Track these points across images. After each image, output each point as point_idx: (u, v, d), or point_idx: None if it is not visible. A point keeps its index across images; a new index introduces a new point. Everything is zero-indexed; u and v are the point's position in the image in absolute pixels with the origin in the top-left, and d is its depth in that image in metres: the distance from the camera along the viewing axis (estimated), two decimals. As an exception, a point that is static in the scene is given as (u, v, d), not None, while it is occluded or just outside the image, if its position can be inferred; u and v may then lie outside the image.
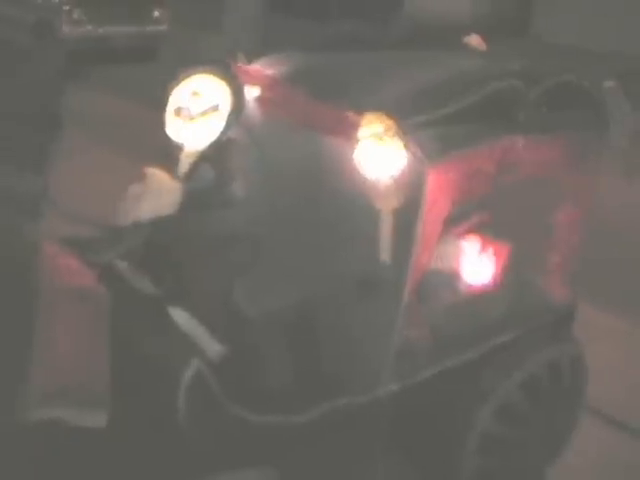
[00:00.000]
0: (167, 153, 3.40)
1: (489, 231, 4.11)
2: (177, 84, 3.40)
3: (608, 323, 5.52)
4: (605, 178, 4.02)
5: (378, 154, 3.14)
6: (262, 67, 3.72)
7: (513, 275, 4.10)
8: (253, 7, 6.85)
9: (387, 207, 3.21)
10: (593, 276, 4.38)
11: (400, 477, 4.10)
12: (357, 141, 3.14)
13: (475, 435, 3.87)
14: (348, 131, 3.18)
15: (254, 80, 3.58)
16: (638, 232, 6.56)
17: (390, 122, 3.11)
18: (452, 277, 3.94)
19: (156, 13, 11.07)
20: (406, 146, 3.16)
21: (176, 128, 3.39)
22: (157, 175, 3.26)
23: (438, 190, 3.30)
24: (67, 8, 10.49)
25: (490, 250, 4.07)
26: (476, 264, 4.04)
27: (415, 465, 4.04)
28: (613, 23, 11.86)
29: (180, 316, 3.24)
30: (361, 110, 3.20)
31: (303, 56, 3.74)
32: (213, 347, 3.21)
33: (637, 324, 5.72)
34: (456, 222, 3.89)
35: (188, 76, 3.39)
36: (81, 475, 3.21)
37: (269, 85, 3.54)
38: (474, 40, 4.38)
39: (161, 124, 3.40)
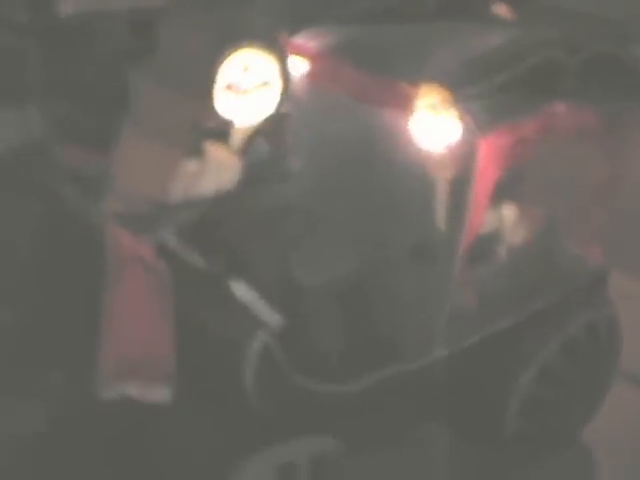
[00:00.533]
0: (219, 129, 3.45)
1: (525, 197, 4.21)
2: (225, 59, 3.44)
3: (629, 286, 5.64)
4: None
5: (433, 125, 3.23)
6: (305, 40, 3.78)
7: (549, 240, 4.21)
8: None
9: (441, 176, 3.31)
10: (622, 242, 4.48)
11: (445, 441, 4.25)
12: (413, 112, 3.22)
13: (517, 397, 4.01)
14: (403, 103, 3.26)
15: (301, 54, 3.64)
16: None
17: (445, 94, 3.20)
18: (493, 243, 4.04)
19: (152, -13, 11.03)
20: (460, 117, 3.24)
21: (227, 103, 3.44)
22: (216, 151, 3.32)
23: (488, 159, 3.40)
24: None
25: (527, 216, 4.18)
26: (514, 230, 4.15)
27: (459, 429, 4.17)
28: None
29: (239, 289, 3.32)
30: (414, 82, 3.28)
31: (345, 29, 3.80)
32: (272, 318, 3.30)
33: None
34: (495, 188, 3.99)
35: (236, 51, 3.44)
36: (151, 450, 3.31)
37: (317, 59, 3.61)
38: (502, 9, 4.45)
39: (210, 101, 3.45)
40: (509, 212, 4.14)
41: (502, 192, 4.08)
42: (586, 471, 4.48)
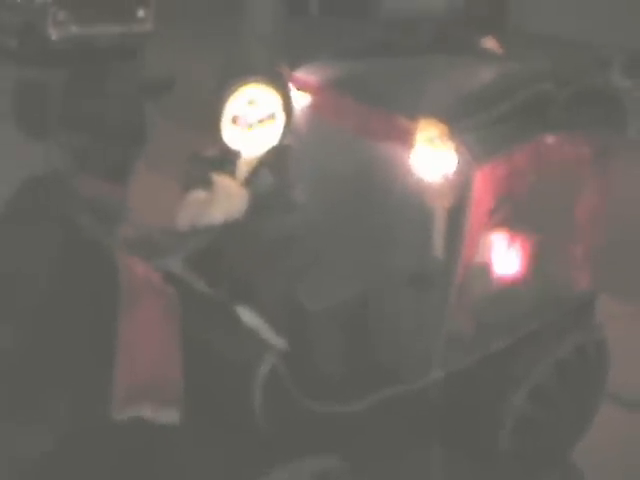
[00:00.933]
0: (225, 160, 3.61)
1: (516, 225, 4.40)
2: (231, 94, 3.61)
3: (616, 309, 5.84)
4: (625, 171, 4.32)
5: (431, 157, 3.41)
6: (305, 75, 3.97)
7: (540, 266, 4.39)
8: (271, 11, 7.10)
9: (439, 205, 3.48)
10: (609, 264, 4.68)
11: (440, 459, 4.39)
12: (411, 145, 3.40)
13: (511, 417, 4.17)
14: (402, 136, 3.44)
15: (302, 88, 3.82)
16: None
17: (443, 127, 3.38)
18: (486, 269, 4.22)
19: (140, 13, 11.25)
20: (456, 149, 3.42)
21: (233, 136, 3.61)
22: (225, 182, 3.48)
23: (484, 189, 3.59)
24: (53, 10, 10.61)
25: (518, 243, 4.36)
26: (506, 256, 4.33)
27: (454, 447, 4.32)
28: (588, 12, 12.26)
29: (245, 314, 3.47)
30: (412, 116, 3.46)
31: (344, 63, 3.99)
32: (278, 342, 3.45)
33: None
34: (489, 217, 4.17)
35: (242, 86, 3.61)
36: (159, 470, 3.44)
37: (318, 93, 3.79)
38: (491, 43, 4.67)
39: (215, 133, 3.62)
40: (500, 240, 4.33)
41: (492, 220, 4.29)
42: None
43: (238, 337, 3.44)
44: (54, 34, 10.61)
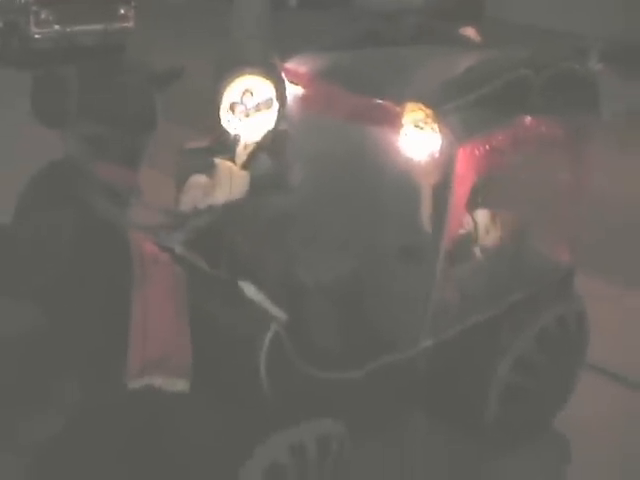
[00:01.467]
0: (227, 146, 3.94)
1: (499, 201, 4.75)
2: (229, 83, 3.94)
3: (599, 288, 6.20)
4: (600, 151, 4.68)
5: (417, 138, 3.75)
6: (296, 66, 4.30)
7: (522, 240, 4.75)
8: (259, 6, 7.42)
9: (425, 182, 3.82)
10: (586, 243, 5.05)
11: (428, 428, 4.73)
12: (399, 128, 3.74)
13: (496, 385, 4.51)
14: (389, 120, 3.78)
15: (294, 78, 4.15)
16: (628, 200, 7.32)
17: (427, 110, 3.72)
18: (470, 243, 4.57)
19: (122, 10, 11.52)
20: (440, 130, 3.76)
21: (232, 123, 3.93)
22: (226, 165, 3.80)
23: (466, 166, 3.92)
24: (34, 9, 10.87)
25: (501, 218, 4.72)
26: (489, 232, 4.68)
27: (442, 416, 4.66)
28: (564, 2, 12.65)
29: (247, 289, 3.79)
30: (399, 101, 3.80)
31: (333, 54, 4.33)
32: (279, 314, 3.77)
33: (627, 289, 6.44)
34: (472, 195, 4.51)
35: (239, 76, 3.93)
36: (172, 436, 3.76)
37: (309, 82, 4.12)
38: (470, 32, 5.03)
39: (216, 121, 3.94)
40: (483, 216, 4.69)
41: (477, 198, 4.64)
42: (559, 456, 5.00)
43: (242, 310, 3.75)
44: (36, 32, 10.89)
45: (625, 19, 11.85)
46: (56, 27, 11.03)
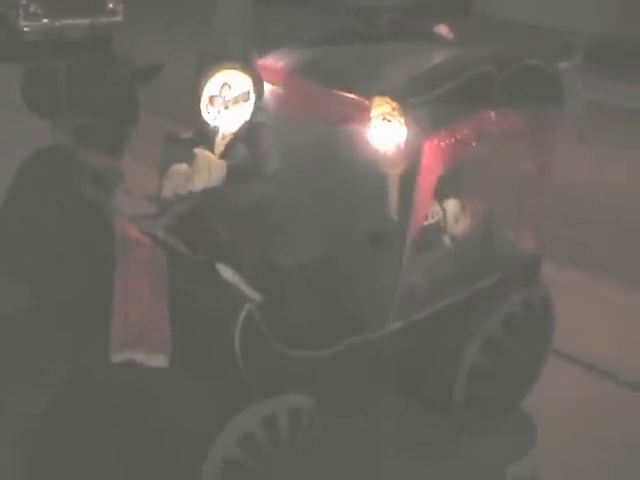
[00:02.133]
0: (206, 136, 4.27)
1: (466, 193, 5.09)
2: (208, 78, 4.27)
3: (565, 277, 6.56)
4: (563, 143, 5.03)
5: (386, 130, 4.09)
6: (274, 61, 4.64)
7: (488, 229, 5.09)
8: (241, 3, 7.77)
9: (393, 172, 4.16)
10: (551, 233, 5.40)
11: (399, 407, 5.05)
12: (368, 120, 4.08)
13: (464, 367, 4.83)
14: (360, 113, 4.12)
15: (271, 73, 4.49)
16: (591, 190, 7.70)
17: (394, 104, 4.06)
18: (440, 232, 4.91)
19: (110, 4, 11.84)
20: (407, 123, 4.10)
21: (211, 115, 4.27)
22: (205, 155, 4.14)
23: (432, 157, 4.27)
24: (24, 2, 11.20)
25: (467, 209, 5.06)
26: (457, 221, 5.02)
27: (413, 397, 4.99)
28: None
29: (224, 271, 4.13)
30: (368, 95, 4.14)
31: (309, 50, 4.67)
32: (254, 295, 4.11)
33: (594, 278, 6.80)
34: (440, 186, 4.85)
35: (218, 71, 4.27)
36: (151, 407, 4.10)
37: (285, 77, 4.46)
38: (443, 29, 5.37)
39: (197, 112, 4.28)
40: (452, 206, 5.03)
41: (445, 188, 4.97)
42: (527, 434, 5.33)
43: (218, 291, 4.08)
44: (25, 25, 11.22)
45: (612, 16, 12.20)
46: (45, 20, 11.36)
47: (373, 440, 4.90)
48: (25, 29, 11.23)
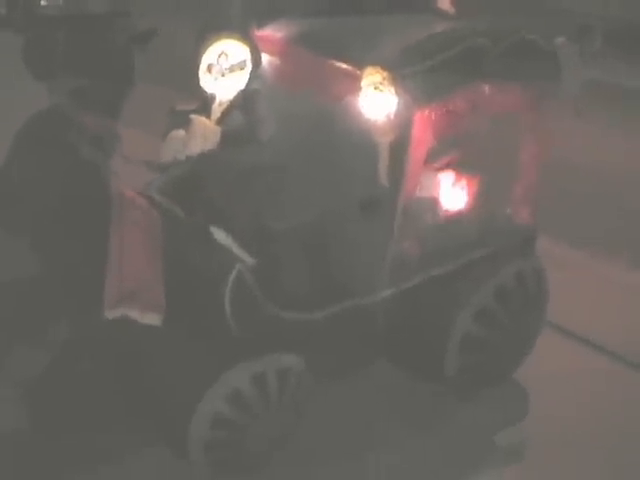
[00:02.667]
0: (203, 103, 4.48)
1: (462, 166, 5.26)
2: (207, 47, 4.48)
3: (562, 254, 6.71)
4: (559, 119, 5.18)
5: (376, 99, 4.27)
6: (272, 31, 4.83)
7: (483, 202, 5.26)
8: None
9: (384, 141, 4.34)
10: (548, 209, 5.56)
11: (389, 376, 5.24)
12: (359, 89, 4.26)
13: (456, 336, 5.01)
14: (352, 82, 4.31)
15: (269, 43, 4.69)
16: (587, 166, 7.85)
17: (385, 73, 4.24)
18: (434, 203, 5.09)
19: (127, -22, 12.04)
20: (398, 92, 4.28)
21: (209, 82, 4.47)
22: (200, 120, 4.35)
23: (423, 128, 4.45)
24: (41, -25, 11.42)
25: (463, 182, 5.23)
26: (452, 193, 5.20)
27: (404, 363, 5.18)
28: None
29: (218, 234, 4.34)
30: (361, 65, 4.33)
31: (306, 21, 4.85)
32: (246, 258, 4.32)
33: (592, 255, 6.95)
34: (435, 158, 5.03)
35: (216, 40, 4.47)
36: (146, 364, 4.33)
37: (281, 47, 4.66)
38: (444, 3, 5.53)
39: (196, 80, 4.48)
40: (447, 178, 5.21)
41: (440, 161, 5.15)
42: (518, 405, 5.51)
43: (211, 253, 4.30)
44: (43, 2, 11.44)
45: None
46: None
47: (363, 405, 5.08)
48: (42, 2, 11.46)
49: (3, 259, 4.23)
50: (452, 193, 5.19)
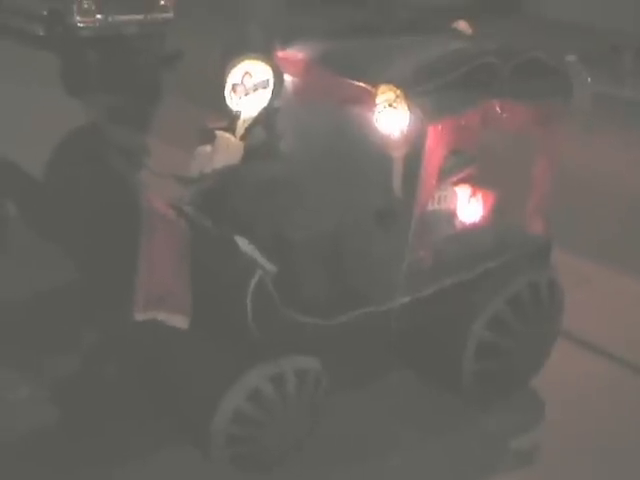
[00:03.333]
0: (228, 120, 4.88)
1: (477, 180, 5.60)
2: (232, 67, 4.89)
3: (573, 265, 6.99)
4: (570, 134, 5.50)
5: (391, 116, 4.63)
6: (294, 53, 5.23)
7: (498, 214, 5.59)
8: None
9: (398, 155, 4.70)
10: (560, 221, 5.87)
11: (407, 384, 5.54)
12: (374, 106, 4.63)
13: (472, 343, 5.33)
14: (367, 99, 4.67)
15: (289, 64, 5.08)
16: (597, 179, 8.14)
17: (399, 91, 4.60)
18: (450, 216, 5.43)
19: (162, 1, 12.58)
20: (411, 109, 4.64)
21: (234, 101, 4.87)
22: (225, 136, 4.76)
23: (435, 143, 4.80)
24: (78, -1, 12.01)
25: (478, 195, 5.57)
26: (468, 206, 5.54)
27: (421, 370, 5.49)
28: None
29: (241, 243, 4.71)
30: (375, 83, 4.69)
31: (325, 43, 5.25)
32: (268, 266, 4.68)
33: (601, 267, 7.23)
34: (451, 173, 5.37)
35: (241, 61, 4.88)
36: (172, 362, 4.71)
37: (302, 67, 5.05)
38: (462, 25, 5.89)
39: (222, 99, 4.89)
40: (463, 193, 5.54)
41: (456, 176, 5.49)
42: (532, 412, 5.77)
43: (235, 260, 4.66)
44: (79, 21, 12.02)
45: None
46: (98, 16, 12.14)
47: (381, 410, 5.40)
48: (79, 25, 12.03)
49: (41, 266, 4.64)
50: (468, 206, 5.53)
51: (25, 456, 4.77)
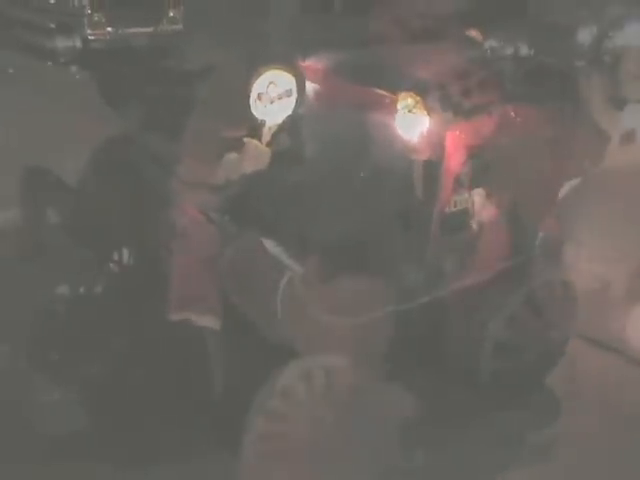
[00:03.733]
0: (254, 128, 5.14)
1: (493, 183, 5.83)
2: (257, 77, 5.14)
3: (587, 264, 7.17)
4: (581, 138, 5.73)
5: (411, 121, 4.89)
6: (315, 62, 5.49)
7: (513, 216, 5.82)
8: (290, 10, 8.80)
9: (418, 158, 4.96)
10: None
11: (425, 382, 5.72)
12: (395, 113, 4.88)
13: (489, 342, 5.55)
14: (387, 106, 4.93)
15: (311, 73, 5.34)
16: (608, 181, 8.34)
17: (418, 98, 4.85)
18: (467, 218, 5.66)
19: (171, 13, 12.83)
20: (429, 114, 4.89)
21: (259, 109, 5.13)
22: (253, 143, 5.02)
23: (454, 147, 5.05)
24: (88, 12, 12.25)
25: (495, 197, 5.79)
26: (484, 207, 5.76)
27: (439, 369, 5.70)
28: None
29: (269, 245, 4.96)
30: (395, 91, 4.95)
31: (345, 52, 5.51)
32: (294, 266, 4.92)
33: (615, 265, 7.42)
34: (467, 176, 5.61)
35: (265, 71, 5.14)
36: (205, 362, 4.94)
37: (324, 76, 5.31)
38: (473, 33, 6.14)
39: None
40: (479, 196, 5.78)
41: (474, 181, 5.72)
42: (550, 411, 5.99)
43: (264, 262, 4.91)
44: (90, 34, 12.26)
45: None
46: (109, 29, 12.39)
47: (399, 406, 5.58)
48: (90, 37, 12.27)
49: (76, 272, 4.89)
50: (485, 208, 5.76)
51: (57, 457, 4.97)
